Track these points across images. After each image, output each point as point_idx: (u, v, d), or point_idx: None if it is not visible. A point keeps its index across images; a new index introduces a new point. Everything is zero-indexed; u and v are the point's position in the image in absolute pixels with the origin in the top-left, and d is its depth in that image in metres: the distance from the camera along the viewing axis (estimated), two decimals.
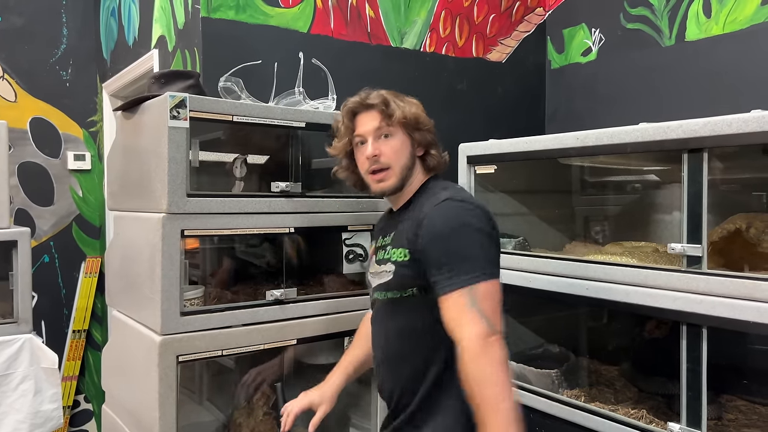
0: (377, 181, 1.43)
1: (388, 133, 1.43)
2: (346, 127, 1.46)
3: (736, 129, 1.34)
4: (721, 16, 2.22)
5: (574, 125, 2.70)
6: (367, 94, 1.46)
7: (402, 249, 1.39)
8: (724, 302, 1.38)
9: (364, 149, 1.43)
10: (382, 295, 1.44)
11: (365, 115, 1.44)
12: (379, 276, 1.43)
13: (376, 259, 1.47)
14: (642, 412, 1.72)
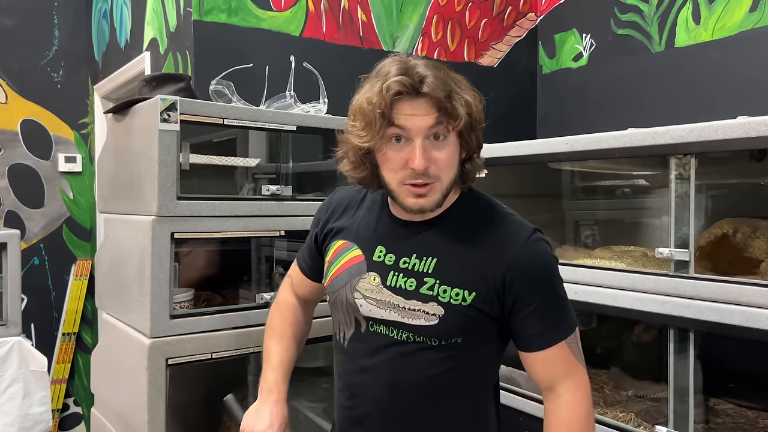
0: (417, 196, 1.08)
1: (442, 134, 1.07)
2: (382, 114, 1.04)
3: (722, 135, 1.36)
4: (710, 22, 2.24)
5: (564, 130, 2.72)
6: (418, 72, 1.05)
7: (464, 290, 1.10)
8: (711, 306, 1.39)
9: (404, 151, 1.06)
10: (401, 335, 1.12)
11: (414, 104, 1.05)
12: (404, 313, 1.11)
13: (389, 283, 1.13)
14: (630, 415, 1.73)
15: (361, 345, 1.16)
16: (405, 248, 1.14)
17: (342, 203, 1.27)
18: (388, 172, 1.09)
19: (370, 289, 1.14)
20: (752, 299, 1.32)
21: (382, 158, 1.09)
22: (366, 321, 1.15)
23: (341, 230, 1.22)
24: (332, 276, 1.19)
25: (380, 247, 1.16)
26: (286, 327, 1.33)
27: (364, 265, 1.16)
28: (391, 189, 1.11)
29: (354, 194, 1.27)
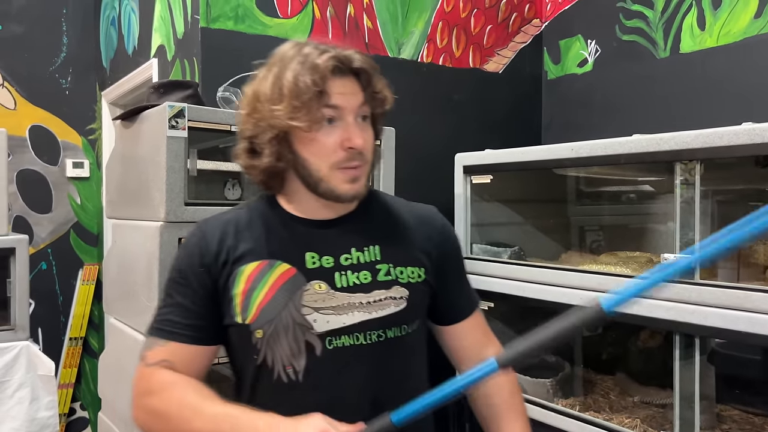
0: (352, 180, 1.02)
1: (366, 115, 1.05)
2: (320, 92, 0.97)
3: (727, 141, 1.37)
4: (715, 28, 2.24)
5: (570, 135, 2.72)
6: (346, 50, 1.02)
7: (415, 267, 1.10)
8: (717, 312, 1.39)
9: (336, 132, 1.00)
10: (369, 338, 1.04)
11: (345, 82, 1.00)
12: (369, 308, 1.04)
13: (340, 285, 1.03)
14: (636, 421, 1.73)
15: (322, 371, 1.02)
16: (339, 246, 1.07)
17: (222, 233, 1.07)
18: (319, 157, 1.00)
19: (320, 299, 1.02)
20: (757, 305, 1.32)
21: (311, 142, 1.00)
22: (322, 340, 1.01)
23: (245, 255, 1.04)
24: (260, 304, 1.01)
25: (310, 253, 1.05)
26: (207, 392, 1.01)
27: (300, 277, 1.03)
28: (319, 177, 1.02)
29: (230, 218, 1.10)
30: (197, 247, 1.06)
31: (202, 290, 1.04)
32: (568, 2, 2.80)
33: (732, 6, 2.19)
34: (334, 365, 1.02)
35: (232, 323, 1.03)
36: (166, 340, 1.03)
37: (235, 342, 1.06)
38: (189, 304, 1.04)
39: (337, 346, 1.02)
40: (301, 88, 0.96)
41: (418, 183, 2.39)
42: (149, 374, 1.02)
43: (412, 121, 2.45)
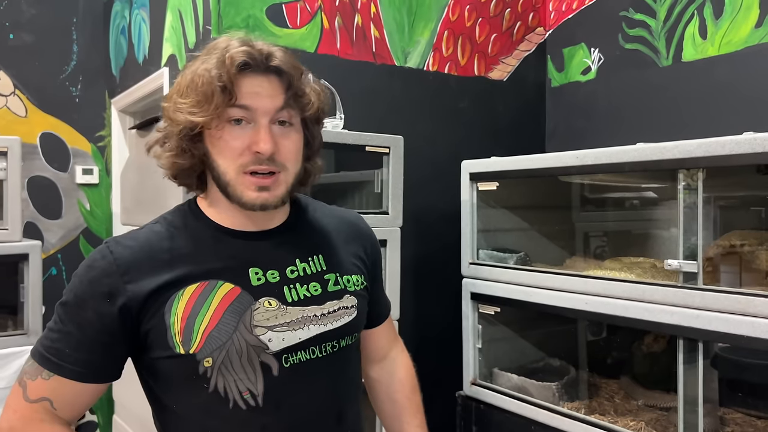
0: (260, 188, 0.94)
1: (288, 120, 0.97)
2: (223, 87, 0.90)
3: (729, 150, 1.40)
4: (717, 37, 2.28)
5: (573, 142, 2.76)
6: (262, 44, 0.96)
7: (358, 275, 1.09)
8: (720, 317, 1.42)
9: (245, 134, 0.93)
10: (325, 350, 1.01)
11: (260, 81, 0.93)
12: (325, 320, 1.00)
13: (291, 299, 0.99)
14: (641, 424, 1.76)
15: (283, 391, 0.97)
16: (281, 258, 1.01)
17: (143, 255, 0.95)
18: (225, 158, 0.94)
19: (272, 317, 0.96)
20: (760, 310, 1.35)
21: (216, 142, 0.94)
22: (278, 359, 0.96)
23: (178, 279, 0.94)
24: (206, 331, 0.93)
25: (253, 269, 0.98)
26: None
27: (246, 296, 0.96)
28: (225, 181, 0.95)
29: (149, 236, 0.99)
30: (104, 273, 0.93)
31: (99, 323, 0.92)
32: (571, 11, 2.85)
33: (733, 15, 2.23)
34: (293, 383, 0.97)
35: (169, 355, 0.93)
36: (49, 372, 0.93)
37: (174, 375, 0.96)
38: (81, 335, 0.93)
39: (294, 362, 0.98)
40: (204, 81, 0.90)
41: (426, 190, 2.44)
42: (27, 417, 0.94)
43: (419, 129, 2.50)
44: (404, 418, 1.25)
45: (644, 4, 2.52)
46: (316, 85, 1.01)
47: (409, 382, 1.28)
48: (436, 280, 2.47)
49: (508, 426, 1.92)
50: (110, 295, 0.92)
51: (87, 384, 0.95)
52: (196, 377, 0.94)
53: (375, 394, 1.30)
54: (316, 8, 2.34)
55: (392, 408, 1.27)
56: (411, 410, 1.26)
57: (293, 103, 0.96)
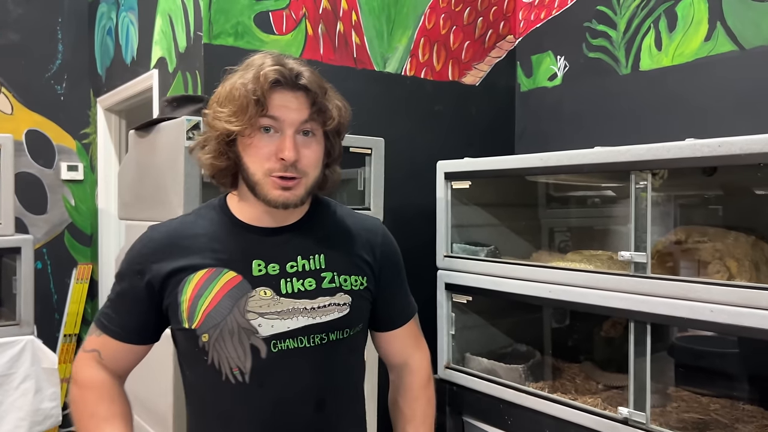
0: (283, 189, 1.06)
1: (312, 131, 1.09)
2: (257, 100, 1.02)
3: (673, 154, 1.58)
4: (670, 49, 2.48)
5: (541, 144, 2.94)
6: (293, 64, 1.07)
7: (357, 276, 1.17)
8: (665, 302, 1.60)
9: (273, 142, 1.06)
10: (313, 341, 1.10)
11: (288, 97, 1.06)
12: (314, 313, 1.10)
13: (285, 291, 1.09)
14: (598, 400, 1.94)
15: (268, 373, 1.08)
16: (285, 254, 1.12)
17: (168, 241, 1.13)
18: (254, 162, 1.06)
19: (265, 305, 1.08)
20: (698, 295, 1.53)
21: (248, 147, 1.06)
22: (266, 343, 1.07)
23: (190, 266, 1.09)
24: (206, 309, 1.07)
25: (256, 261, 1.10)
26: (115, 408, 1.14)
27: (245, 284, 1.08)
28: (254, 181, 1.07)
29: (178, 227, 1.16)
30: (139, 253, 1.13)
31: (132, 294, 1.11)
32: (539, 20, 3.03)
33: (685, 29, 2.43)
34: (279, 367, 1.08)
35: (179, 328, 1.10)
36: (100, 331, 1.14)
37: (184, 345, 1.13)
38: (120, 303, 1.13)
39: (282, 349, 1.07)
40: (241, 95, 1.03)
41: (405, 188, 2.59)
42: (83, 362, 1.15)
43: (398, 131, 2.65)
44: (400, 424, 1.29)
45: (606, 16, 2.72)
46: (339, 102, 1.12)
47: (414, 388, 1.29)
48: (413, 272, 2.60)
49: (479, 405, 2.08)
50: (140, 272, 1.11)
51: (124, 343, 1.14)
52: (197, 350, 1.09)
53: (389, 397, 1.34)
54: (301, 16, 2.49)
55: (393, 411, 1.31)
56: (408, 416, 1.28)
57: (316, 117, 1.08)
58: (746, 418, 1.82)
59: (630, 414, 1.68)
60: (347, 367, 1.19)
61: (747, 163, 1.45)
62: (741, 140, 1.45)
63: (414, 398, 1.29)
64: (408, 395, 1.30)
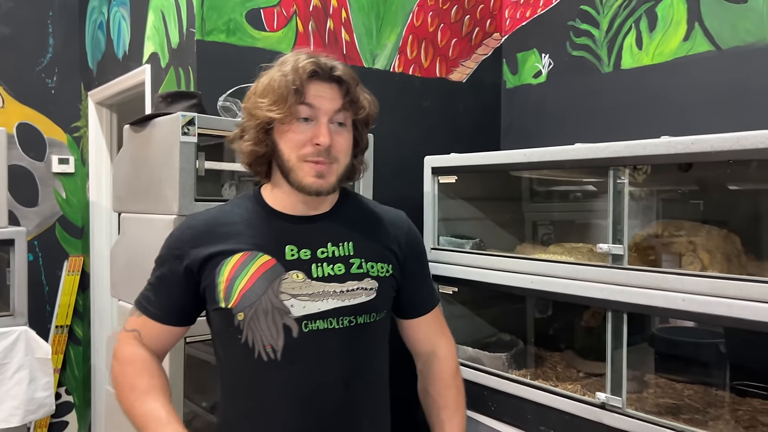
0: (317, 175, 1.14)
1: (343, 122, 1.17)
2: (296, 90, 1.10)
3: (649, 151, 1.66)
4: (651, 48, 2.56)
5: (525, 140, 3.02)
6: (327, 59, 1.16)
7: (384, 263, 1.23)
8: (641, 292, 1.68)
9: (309, 130, 1.13)
10: (341, 323, 1.16)
11: (324, 87, 1.14)
12: (343, 296, 1.16)
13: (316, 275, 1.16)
14: (578, 386, 2.03)
15: (299, 351, 1.14)
16: (316, 240, 1.19)
17: (206, 228, 1.20)
18: (290, 148, 1.14)
19: (297, 287, 1.14)
20: (671, 285, 1.61)
21: (285, 134, 1.14)
22: (298, 323, 1.13)
23: (227, 250, 1.17)
24: (242, 290, 1.14)
25: (289, 246, 1.17)
26: (155, 381, 1.19)
27: (279, 267, 1.15)
28: (289, 167, 1.15)
29: (214, 216, 1.23)
30: (178, 239, 1.21)
31: (172, 277, 1.20)
32: (525, 19, 3.10)
33: (665, 29, 2.51)
34: (309, 346, 1.14)
35: (216, 308, 1.16)
36: (140, 312, 1.23)
37: (219, 324, 1.19)
38: (160, 286, 1.22)
39: (312, 329, 1.14)
40: (281, 85, 1.11)
41: (393, 182, 2.65)
42: (123, 340, 1.23)
43: (387, 127, 2.70)
44: (434, 412, 1.34)
45: (589, 15, 2.79)
46: (368, 95, 1.21)
47: (444, 377, 1.35)
48: None
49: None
50: (179, 257, 1.19)
51: (163, 325, 1.22)
52: (232, 328, 1.15)
53: (419, 385, 1.39)
54: (292, 13, 2.54)
55: (425, 400, 1.37)
56: (441, 403, 1.34)
57: (349, 107, 1.16)
58: (718, 403, 1.91)
59: (607, 399, 1.76)
60: (372, 350, 1.24)
61: (717, 159, 1.53)
62: (712, 138, 1.53)
63: (446, 387, 1.34)
64: (439, 384, 1.34)
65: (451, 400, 1.34)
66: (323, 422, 1.15)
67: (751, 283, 1.47)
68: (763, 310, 1.42)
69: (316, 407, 1.15)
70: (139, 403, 1.15)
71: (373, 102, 1.22)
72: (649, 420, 1.67)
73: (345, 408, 1.17)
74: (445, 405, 1.33)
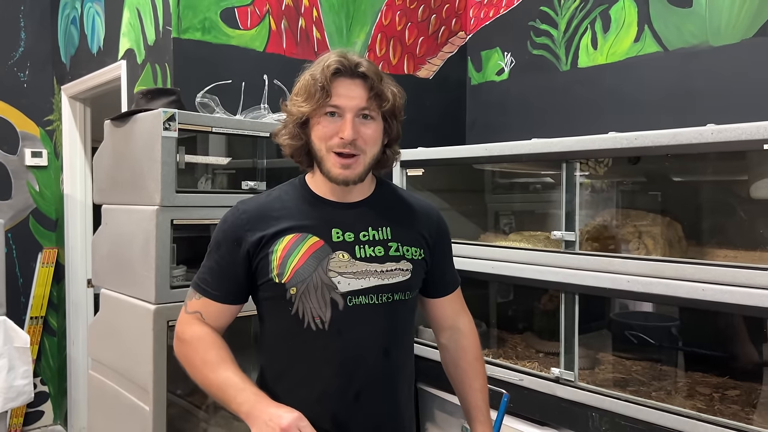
0: (344, 167, 1.24)
1: (370, 114, 1.25)
2: (321, 88, 1.20)
3: (597, 146, 1.82)
4: (605, 48, 2.72)
5: (489, 135, 3.16)
6: (354, 57, 1.25)
7: (417, 248, 1.34)
8: (591, 275, 1.84)
9: (336, 123, 1.23)
10: (381, 299, 1.28)
11: (349, 84, 1.23)
12: (383, 275, 1.27)
13: (359, 255, 1.27)
14: (535, 364, 2.19)
15: (344, 322, 1.25)
16: (358, 224, 1.29)
17: (259, 212, 1.30)
18: (320, 140, 1.24)
19: (343, 265, 1.25)
20: (617, 268, 1.78)
21: (316, 127, 1.24)
22: (344, 298, 1.24)
23: (280, 231, 1.27)
24: (294, 267, 1.24)
25: (335, 229, 1.27)
26: (224, 353, 1.26)
27: (327, 248, 1.26)
28: (320, 157, 1.25)
29: (265, 201, 1.33)
30: (233, 224, 1.30)
31: (233, 260, 1.28)
32: (488, 18, 3.24)
33: (617, 30, 2.68)
34: (353, 318, 1.25)
35: (268, 282, 1.26)
36: (200, 295, 1.30)
37: (270, 297, 1.28)
38: (221, 269, 1.29)
39: (356, 303, 1.25)
40: (309, 84, 1.22)
41: None
42: (186, 322, 1.31)
43: None
44: (467, 381, 1.45)
45: (548, 16, 2.94)
46: (393, 88, 1.28)
47: (472, 349, 1.46)
48: None
49: (431, 372, 2.29)
50: (237, 240, 1.28)
51: (224, 305, 1.30)
52: (283, 301, 1.25)
53: (444, 359, 1.50)
54: (265, 12, 2.64)
55: (456, 372, 1.47)
56: (472, 374, 1.45)
57: (373, 101, 1.24)
58: (661, 377, 2.09)
59: (561, 374, 1.92)
60: (406, 323, 1.36)
61: (657, 153, 1.69)
62: (653, 134, 1.69)
63: (476, 358, 1.47)
64: (469, 355, 1.46)
65: (480, 372, 1.46)
66: (364, 386, 1.27)
67: (686, 264, 1.63)
68: (696, 289, 1.59)
69: (358, 372, 1.26)
70: (214, 374, 1.22)
71: (400, 93, 1.30)
72: (598, 392, 1.83)
73: (386, 373, 1.30)
74: (477, 375, 1.46)
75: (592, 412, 1.83)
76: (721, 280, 1.55)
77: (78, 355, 3.59)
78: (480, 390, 1.44)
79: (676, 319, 2.23)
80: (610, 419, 1.79)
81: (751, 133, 1.48)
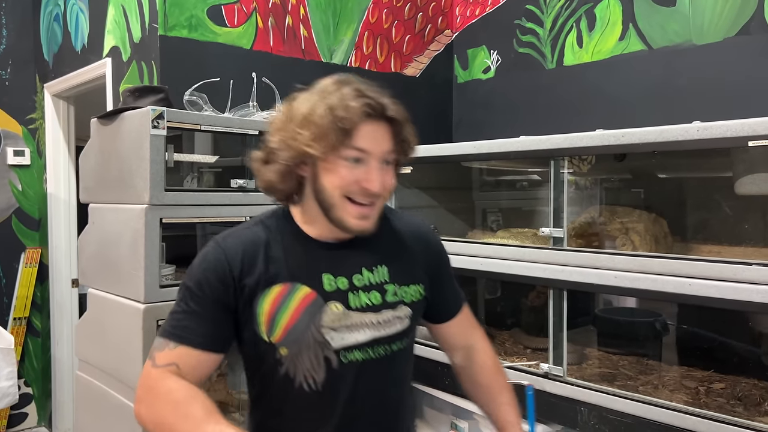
0: (362, 218, 1.11)
1: (390, 160, 1.13)
2: (345, 130, 1.04)
3: (585, 143, 1.83)
4: (590, 47, 2.75)
5: (476, 132, 3.18)
6: (378, 96, 1.09)
7: (416, 285, 1.22)
8: (579, 270, 1.85)
9: (358, 170, 1.08)
10: (376, 353, 1.16)
11: (375, 128, 1.08)
12: (379, 327, 1.15)
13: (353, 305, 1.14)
14: (524, 359, 2.20)
15: (339, 382, 1.14)
16: (350, 267, 1.16)
17: (244, 252, 1.13)
18: (333, 185, 1.08)
19: (336, 319, 1.12)
20: (604, 264, 1.79)
21: (328, 171, 1.08)
22: (337, 354, 1.13)
23: (267, 279, 1.12)
24: (287, 325, 1.11)
25: (326, 275, 1.14)
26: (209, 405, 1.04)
27: (319, 300, 1.12)
28: (330, 202, 1.09)
29: (248, 239, 1.16)
30: (217, 265, 1.11)
31: (216, 303, 1.10)
32: (474, 16, 3.26)
33: (602, 29, 2.70)
34: (348, 376, 1.13)
35: (255, 339, 1.12)
36: (176, 344, 1.08)
37: (257, 354, 1.14)
38: (203, 312, 1.10)
39: (351, 360, 1.13)
40: (326, 122, 1.03)
41: None
42: (157, 376, 1.08)
43: None
44: (493, 397, 1.34)
45: (534, 14, 2.97)
46: (411, 128, 1.16)
47: (490, 365, 1.36)
48: None
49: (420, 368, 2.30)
50: (221, 280, 1.11)
51: (206, 353, 1.11)
52: (272, 361, 1.13)
53: (463, 381, 1.40)
54: (252, 9, 2.63)
55: (479, 390, 1.36)
56: (497, 389, 1.34)
57: (399, 148, 1.13)
58: (648, 371, 2.11)
59: (550, 369, 1.94)
60: (405, 370, 1.26)
61: (643, 151, 1.71)
62: (639, 131, 1.71)
63: (496, 372, 1.37)
64: (490, 370, 1.36)
65: (504, 385, 1.37)
66: None
67: (673, 260, 1.66)
68: (683, 284, 1.61)
69: (357, 427, 1.17)
70: (200, 430, 1.01)
71: (415, 134, 1.18)
72: (586, 386, 1.85)
73: (386, 426, 1.22)
74: (502, 389, 1.36)
75: (581, 407, 1.85)
76: (707, 275, 1.57)
77: (63, 355, 3.56)
78: (509, 404, 1.34)
79: (661, 314, 2.26)
80: (598, 413, 1.81)
81: (737, 130, 1.50)
